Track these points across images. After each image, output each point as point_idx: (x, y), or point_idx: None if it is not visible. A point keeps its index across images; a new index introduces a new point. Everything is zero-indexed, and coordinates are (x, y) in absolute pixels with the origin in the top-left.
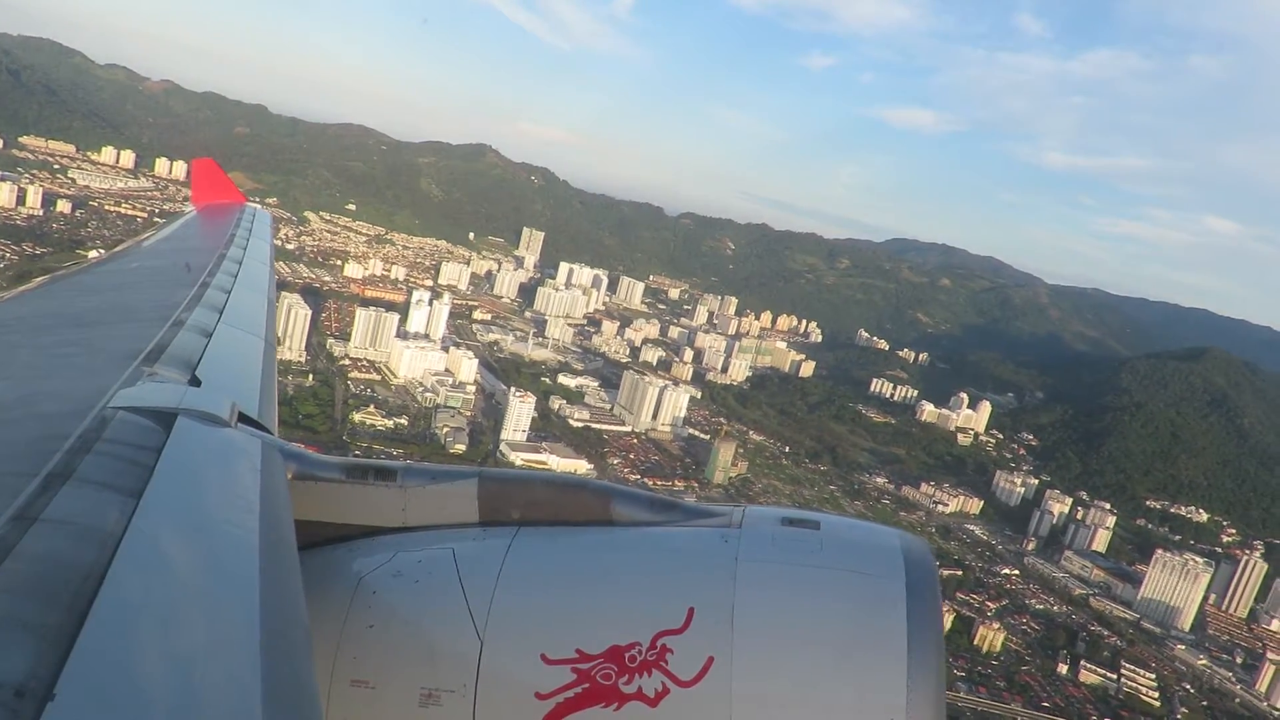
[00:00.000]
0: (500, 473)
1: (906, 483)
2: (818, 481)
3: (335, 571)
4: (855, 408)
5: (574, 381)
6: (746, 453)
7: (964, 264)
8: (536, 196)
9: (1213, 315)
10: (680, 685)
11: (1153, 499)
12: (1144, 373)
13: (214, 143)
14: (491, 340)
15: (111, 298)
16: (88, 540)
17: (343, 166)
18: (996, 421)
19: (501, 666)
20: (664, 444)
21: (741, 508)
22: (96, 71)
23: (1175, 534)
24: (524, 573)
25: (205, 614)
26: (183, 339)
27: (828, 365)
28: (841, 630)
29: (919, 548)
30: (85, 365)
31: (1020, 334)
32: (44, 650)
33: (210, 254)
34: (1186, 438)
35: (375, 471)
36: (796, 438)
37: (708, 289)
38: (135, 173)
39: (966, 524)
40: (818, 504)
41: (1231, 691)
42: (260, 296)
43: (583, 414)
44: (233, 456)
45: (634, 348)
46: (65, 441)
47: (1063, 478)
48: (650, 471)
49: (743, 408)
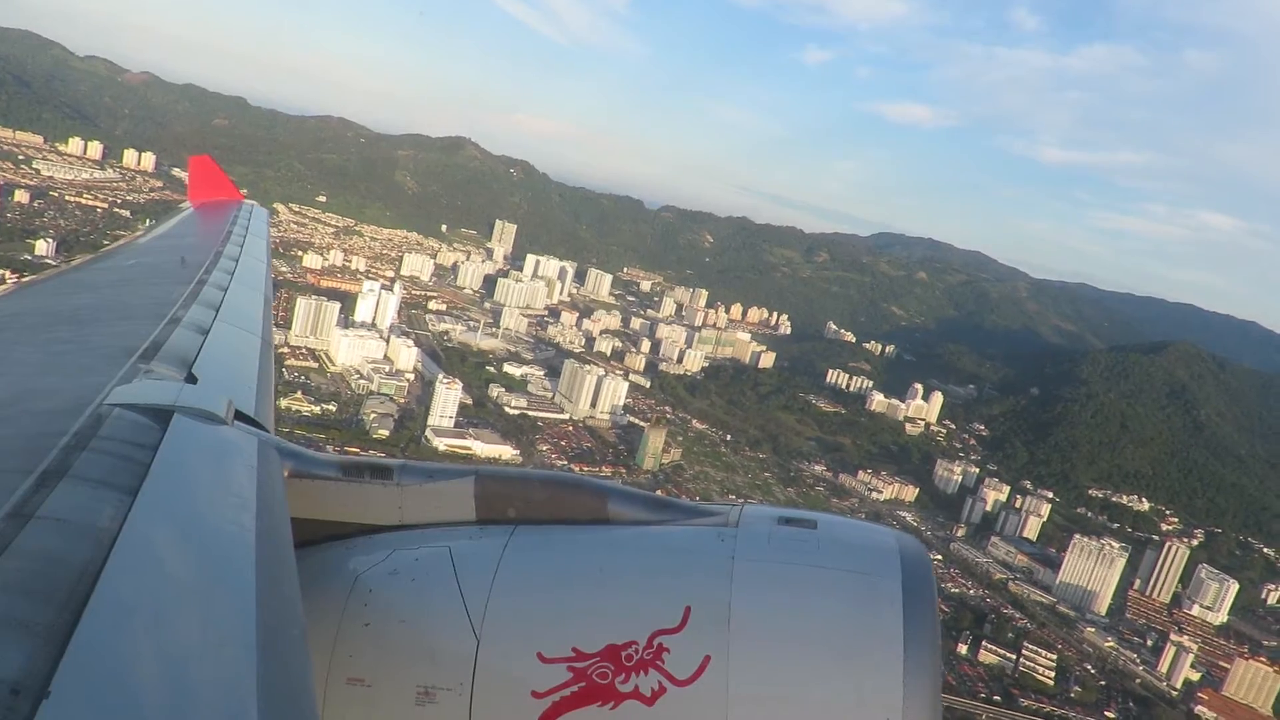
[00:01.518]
0: (497, 471)
1: (844, 470)
2: (753, 469)
3: (332, 570)
4: (806, 398)
5: (520, 370)
6: (686, 440)
7: (948, 258)
8: (514, 189)
9: (1199, 310)
10: (677, 684)
11: (1095, 488)
12: (1105, 365)
13: (190, 135)
14: (442, 330)
15: (108, 295)
16: (83, 538)
17: (316, 159)
18: (950, 412)
19: (498, 665)
20: (601, 431)
21: (739, 506)
22: (75, 63)
23: (1114, 522)
24: (521, 571)
25: (201, 612)
26: (179, 336)
27: (791, 357)
28: (838, 630)
29: (915, 548)
30: (81, 362)
31: (995, 327)
32: (39, 648)
33: (207, 251)
34: (1135, 428)
35: (372, 469)
36: (741, 426)
37: (682, 281)
38: (102, 164)
39: (899, 510)
40: (748, 489)
41: (1133, 672)
42: (257, 294)
43: (520, 402)
44: (229, 454)
45: (590, 338)
46: (61, 439)
47: (1009, 467)
48: (580, 458)
49: (691, 397)
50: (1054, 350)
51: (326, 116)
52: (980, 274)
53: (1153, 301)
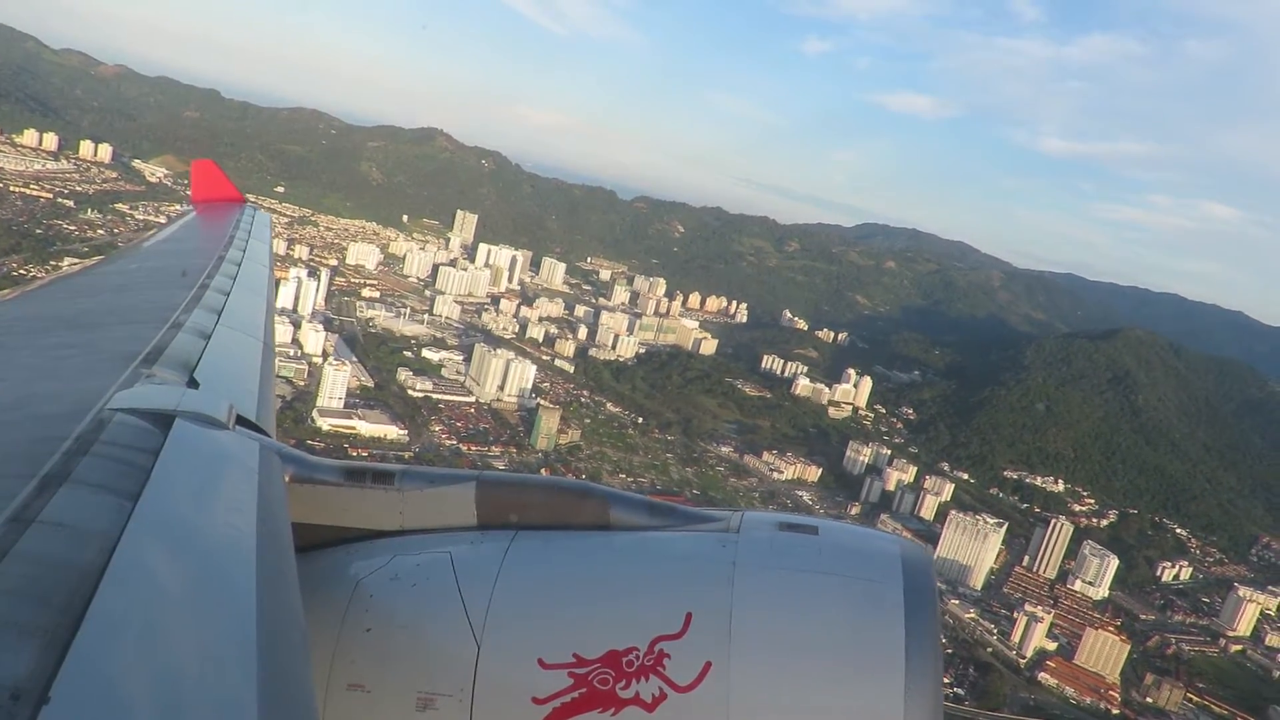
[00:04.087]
0: (499, 476)
1: (750, 452)
2: (656, 449)
3: (333, 575)
4: (732, 383)
5: (438, 355)
6: (596, 423)
7: (927, 248)
8: (484, 180)
9: (1182, 300)
10: (678, 690)
11: (1011, 469)
12: (1050, 351)
13: (155, 127)
14: (368, 316)
15: (110, 299)
16: (84, 543)
17: (279, 150)
18: (883, 397)
19: (499, 671)
20: (505, 414)
21: (740, 512)
22: (50, 56)
23: (1024, 502)
24: (522, 577)
25: (202, 617)
26: (181, 341)
27: (738, 344)
28: (839, 636)
29: (917, 554)
30: (83, 367)
31: (960, 315)
32: (40, 653)
33: (209, 255)
34: (1060, 412)
35: (373, 474)
36: (659, 410)
37: (647, 271)
38: (57, 155)
39: (797, 490)
40: (643, 468)
41: (987, 642)
42: (259, 298)
43: (426, 384)
44: (230, 459)
45: (522, 325)
46: (62, 443)
47: (930, 449)
48: (471, 438)
49: (615, 382)
50: (1015, 337)
51: (299, 108)
52: (955, 263)
53: (1136, 291)
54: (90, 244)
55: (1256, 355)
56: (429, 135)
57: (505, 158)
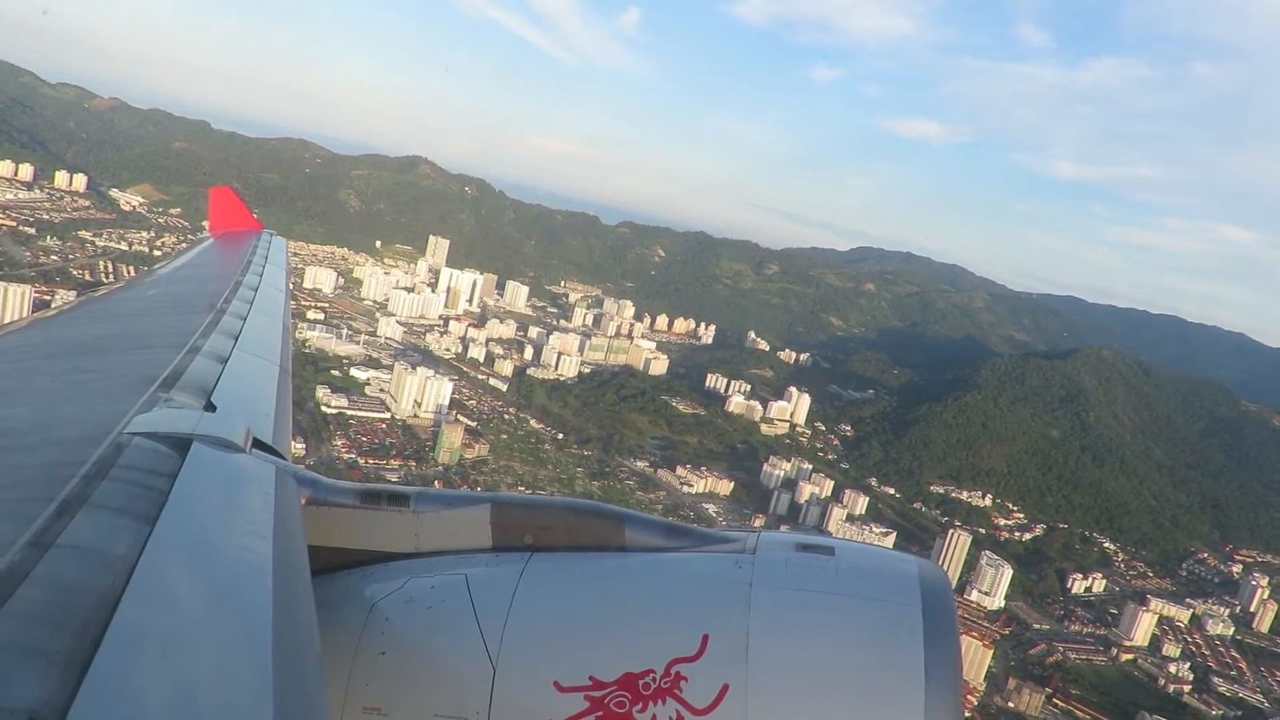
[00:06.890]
0: (513, 498)
1: (665, 467)
2: (568, 464)
3: (348, 598)
4: (666, 400)
5: (366, 374)
6: (515, 438)
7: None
8: (465, 206)
9: (1181, 321)
10: (695, 714)
11: (939, 484)
12: (1003, 370)
13: (143, 157)
14: (304, 338)
15: (129, 324)
16: (102, 566)
17: (256, 178)
18: (823, 414)
19: (514, 694)
20: (418, 429)
21: (756, 533)
22: (45, 90)
23: (946, 516)
24: (537, 599)
25: (218, 640)
26: (198, 365)
27: (695, 365)
28: (857, 658)
29: (936, 574)
30: (102, 391)
31: (937, 337)
32: (58, 676)
33: (227, 281)
34: (997, 428)
35: (389, 497)
36: (584, 426)
37: (622, 294)
38: (31, 185)
39: (704, 503)
40: (548, 481)
41: None
42: (276, 322)
43: (341, 401)
44: (247, 482)
45: (466, 345)
46: (81, 467)
47: (863, 465)
48: (374, 453)
49: (548, 399)
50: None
51: (287, 138)
52: (941, 286)
53: (1135, 313)
54: (40, 269)
55: (1257, 376)
56: (412, 163)
57: (488, 184)
